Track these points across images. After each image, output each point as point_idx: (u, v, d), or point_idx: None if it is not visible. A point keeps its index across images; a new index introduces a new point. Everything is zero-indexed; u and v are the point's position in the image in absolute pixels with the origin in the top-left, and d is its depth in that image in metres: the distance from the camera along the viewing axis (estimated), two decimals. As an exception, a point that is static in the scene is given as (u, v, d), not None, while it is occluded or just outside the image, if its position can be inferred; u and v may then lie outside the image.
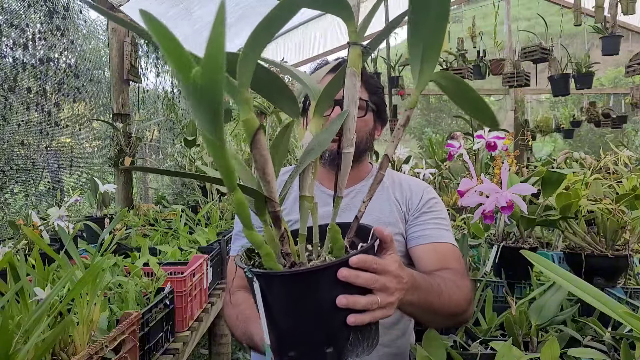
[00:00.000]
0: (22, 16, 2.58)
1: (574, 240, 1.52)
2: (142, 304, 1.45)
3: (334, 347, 0.69)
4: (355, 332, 0.70)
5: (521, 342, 1.14)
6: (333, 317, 0.69)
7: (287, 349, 0.70)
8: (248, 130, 0.62)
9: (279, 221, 0.70)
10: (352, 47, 0.71)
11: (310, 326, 0.69)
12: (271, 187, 0.67)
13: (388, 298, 0.75)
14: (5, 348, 0.85)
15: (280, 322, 0.70)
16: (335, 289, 0.69)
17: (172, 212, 3.16)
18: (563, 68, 5.25)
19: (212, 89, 0.48)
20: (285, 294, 0.69)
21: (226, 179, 0.59)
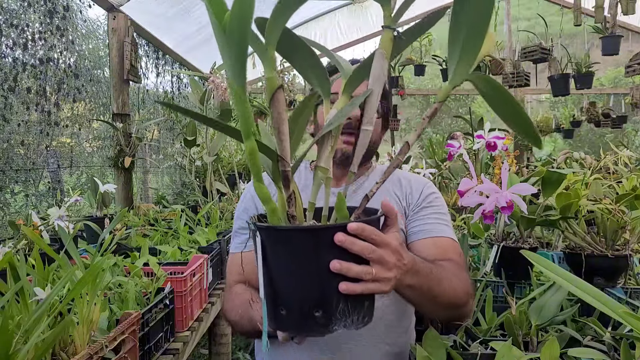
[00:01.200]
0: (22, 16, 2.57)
1: (574, 240, 1.52)
2: (142, 304, 1.45)
3: (322, 312, 0.69)
4: (345, 301, 0.70)
5: (521, 342, 1.14)
6: (325, 281, 0.69)
7: (279, 305, 0.71)
8: (269, 88, 0.66)
9: (287, 181, 0.71)
10: (385, 31, 0.73)
11: (302, 286, 0.70)
12: (284, 146, 0.70)
13: (385, 273, 0.74)
14: (5, 348, 0.85)
15: (275, 278, 0.71)
16: (331, 252, 0.69)
17: (172, 212, 3.16)
18: (563, 68, 5.25)
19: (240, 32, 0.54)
20: (282, 249, 0.70)
21: (243, 125, 0.63)
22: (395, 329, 1.19)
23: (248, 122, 0.63)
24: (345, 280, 0.69)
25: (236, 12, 0.53)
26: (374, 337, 1.15)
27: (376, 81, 0.75)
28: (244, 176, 4.23)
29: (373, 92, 0.75)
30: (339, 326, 0.70)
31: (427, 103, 14.65)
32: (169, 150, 4.90)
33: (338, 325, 0.70)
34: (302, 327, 0.71)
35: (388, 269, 0.75)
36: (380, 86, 0.75)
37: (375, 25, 6.75)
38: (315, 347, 1.14)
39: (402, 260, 0.79)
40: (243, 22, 0.54)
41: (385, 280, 0.75)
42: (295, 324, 0.72)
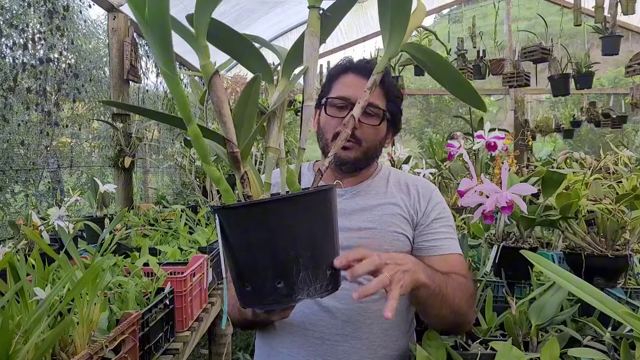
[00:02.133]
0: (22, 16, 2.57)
1: (574, 240, 1.52)
2: (142, 304, 1.45)
3: (284, 282, 0.71)
4: (305, 269, 0.71)
5: (521, 342, 1.14)
6: (282, 252, 0.71)
7: (244, 282, 0.74)
8: (205, 74, 0.69)
9: (237, 163, 0.73)
10: (311, 10, 0.77)
11: (261, 260, 0.72)
12: (228, 128, 0.71)
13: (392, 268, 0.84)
14: (5, 348, 0.85)
15: (236, 256, 0.73)
16: (283, 223, 0.71)
17: (172, 212, 3.15)
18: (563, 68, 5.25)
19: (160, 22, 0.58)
20: (239, 227, 0.72)
21: (182, 111, 0.65)
22: (392, 333, 1.18)
23: (186, 107, 0.66)
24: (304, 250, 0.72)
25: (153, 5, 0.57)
26: (370, 340, 1.15)
27: (309, 58, 0.78)
28: (244, 176, 4.22)
29: (308, 69, 0.78)
30: (302, 295, 0.72)
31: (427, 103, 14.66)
32: (169, 150, 4.90)
33: (301, 294, 0.71)
34: (267, 300, 0.73)
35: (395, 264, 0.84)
36: (314, 63, 0.78)
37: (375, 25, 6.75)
38: (311, 349, 1.14)
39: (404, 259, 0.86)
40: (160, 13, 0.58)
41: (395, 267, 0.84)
42: (260, 298, 0.73)
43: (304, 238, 0.73)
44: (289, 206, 0.72)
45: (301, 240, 0.72)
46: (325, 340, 1.13)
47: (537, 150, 9.91)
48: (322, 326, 1.14)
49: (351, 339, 1.13)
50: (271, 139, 0.79)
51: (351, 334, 1.14)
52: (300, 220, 0.72)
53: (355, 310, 1.14)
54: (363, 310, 1.15)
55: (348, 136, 0.82)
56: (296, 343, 1.16)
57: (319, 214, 0.75)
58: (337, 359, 1.13)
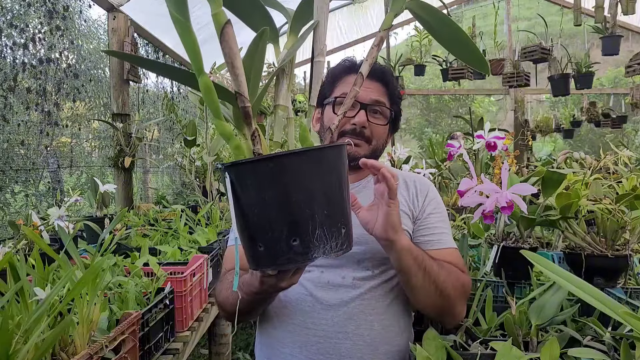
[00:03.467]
0: (22, 16, 2.58)
1: (574, 240, 1.52)
2: (142, 304, 1.45)
3: (299, 240, 0.69)
4: (321, 226, 0.70)
5: (521, 342, 1.14)
6: (299, 208, 0.69)
7: (256, 242, 0.71)
8: (217, 24, 0.66)
9: (249, 118, 0.70)
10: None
11: (276, 217, 0.69)
12: (240, 81, 0.68)
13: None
14: (5, 348, 0.85)
15: (248, 215, 0.71)
16: (299, 179, 0.69)
17: (172, 212, 3.16)
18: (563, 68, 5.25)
19: None
20: (253, 183, 0.69)
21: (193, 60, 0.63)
22: (392, 329, 1.19)
23: (198, 57, 0.63)
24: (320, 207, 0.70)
25: None
26: (371, 337, 1.15)
27: (319, 12, 0.76)
28: (244, 176, 4.22)
29: (319, 23, 0.76)
30: (318, 253, 0.70)
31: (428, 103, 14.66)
32: (169, 150, 4.90)
33: (317, 252, 0.70)
34: (282, 259, 0.71)
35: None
36: (324, 16, 0.76)
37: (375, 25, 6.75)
38: (313, 347, 1.14)
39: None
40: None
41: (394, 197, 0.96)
42: (274, 257, 0.71)
43: (319, 194, 0.70)
44: (304, 161, 0.69)
45: (316, 196, 0.70)
46: (327, 338, 1.14)
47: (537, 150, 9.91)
48: (323, 325, 1.14)
49: (353, 336, 1.14)
50: (280, 96, 0.77)
51: (353, 331, 1.14)
52: (315, 175, 0.70)
53: (357, 308, 1.15)
54: (364, 308, 1.15)
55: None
56: (298, 343, 1.16)
57: (334, 170, 0.73)
58: (339, 357, 1.13)
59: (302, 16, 0.78)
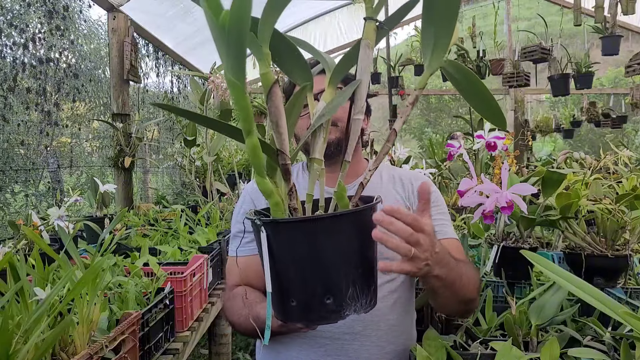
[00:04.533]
0: (22, 16, 2.57)
1: (574, 240, 1.52)
2: (142, 304, 1.45)
3: (333, 298, 0.70)
4: (354, 285, 0.71)
5: (521, 342, 1.14)
6: (335, 268, 0.71)
7: (289, 297, 0.73)
8: (265, 83, 0.69)
9: (288, 175, 0.73)
10: (367, 22, 0.76)
11: (312, 275, 0.71)
12: (283, 140, 0.71)
13: (421, 253, 0.78)
14: (5, 348, 0.85)
15: (283, 270, 0.72)
16: (339, 240, 0.71)
17: (172, 212, 3.15)
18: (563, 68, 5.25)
19: (239, 29, 0.57)
20: (292, 241, 0.71)
21: (244, 121, 0.65)
22: (397, 328, 1.19)
23: (249, 119, 0.65)
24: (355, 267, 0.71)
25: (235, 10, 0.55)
26: (378, 337, 1.15)
27: (364, 71, 0.77)
28: (244, 176, 4.23)
29: (362, 82, 0.77)
30: (350, 311, 0.72)
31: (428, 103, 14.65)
32: (169, 150, 4.90)
33: (349, 310, 0.71)
34: (314, 316, 0.72)
35: (424, 251, 0.78)
36: (367, 76, 0.78)
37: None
38: (320, 350, 1.14)
39: (434, 248, 0.82)
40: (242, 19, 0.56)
41: (420, 261, 0.78)
42: (307, 314, 0.73)
43: (354, 254, 0.72)
44: (343, 222, 0.72)
45: (352, 256, 0.72)
46: (334, 340, 1.13)
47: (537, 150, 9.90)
48: (330, 326, 1.14)
49: (360, 337, 1.14)
50: (317, 150, 0.79)
51: (360, 332, 1.14)
52: (352, 236, 0.72)
53: None
54: None
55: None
56: (305, 345, 1.15)
57: (368, 230, 0.75)
58: (347, 358, 1.13)
59: (341, 70, 0.80)
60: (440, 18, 0.71)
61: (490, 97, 0.78)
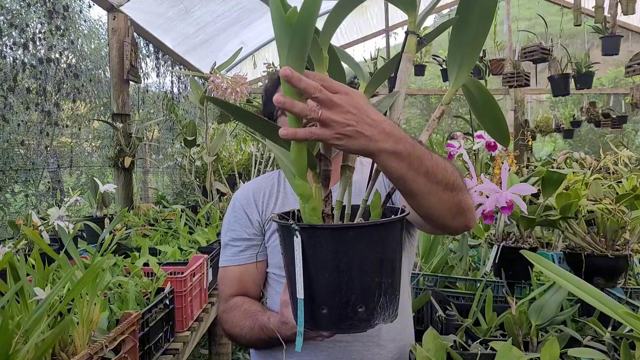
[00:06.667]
0: (22, 16, 2.57)
1: (574, 240, 1.52)
2: (142, 304, 1.45)
3: (365, 307, 0.71)
4: (385, 295, 0.72)
5: (521, 342, 1.14)
6: (368, 277, 0.71)
7: (319, 305, 0.72)
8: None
9: (327, 181, 0.74)
10: (410, 36, 0.78)
11: (346, 283, 0.71)
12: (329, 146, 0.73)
13: (337, 115, 0.65)
14: (5, 348, 0.85)
15: (315, 277, 0.72)
16: (375, 249, 0.71)
17: (172, 212, 3.16)
18: (563, 68, 5.25)
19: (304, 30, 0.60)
20: (327, 248, 0.71)
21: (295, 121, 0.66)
22: (397, 325, 1.19)
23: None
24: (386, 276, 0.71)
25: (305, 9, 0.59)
26: (379, 336, 1.15)
27: (403, 83, 0.79)
28: (243, 176, 4.23)
29: (400, 93, 0.78)
30: (379, 320, 0.72)
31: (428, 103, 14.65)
32: (169, 150, 4.90)
33: (378, 319, 0.72)
34: (345, 324, 0.72)
35: (342, 112, 0.65)
36: (405, 88, 0.79)
37: (375, 25, 6.74)
38: (323, 353, 1.13)
39: (363, 110, 0.67)
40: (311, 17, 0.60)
41: (337, 124, 0.64)
42: (337, 321, 0.73)
43: (387, 263, 0.73)
44: (379, 231, 0.72)
45: (385, 265, 0.72)
46: (336, 343, 1.12)
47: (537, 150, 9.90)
48: None
49: (362, 337, 1.13)
50: (350, 158, 0.80)
51: (362, 333, 1.14)
52: (386, 245, 0.73)
53: None
54: None
55: None
56: (307, 350, 1.13)
57: (398, 238, 0.76)
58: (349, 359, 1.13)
59: (377, 80, 0.82)
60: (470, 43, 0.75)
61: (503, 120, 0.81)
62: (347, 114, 0.66)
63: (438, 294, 1.48)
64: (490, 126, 0.83)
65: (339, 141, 0.66)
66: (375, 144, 0.68)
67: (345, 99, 0.66)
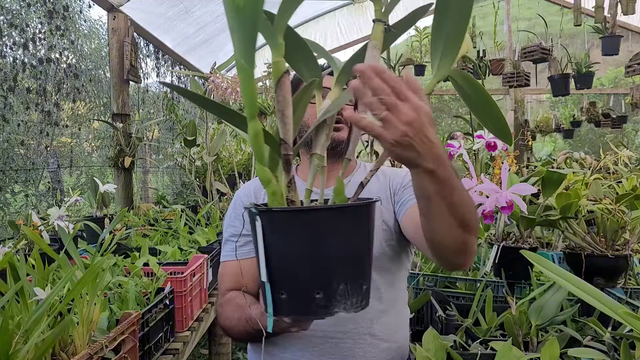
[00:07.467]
0: (22, 16, 2.57)
1: (574, 240, 1.52)
2: (142, 304, 1.45)
3: (323, 293, 0.69)
4: (345, 282, 0.70)
5: (521, 342, 1.14)
6: (326, 263, 0.70)
7: (279, 289, 0.72)
8: (276, 72, 0.69)
9: (289, 166, 0.73)
10: (376, 24, 0.77)
11: (303, 268, 0.70)
12: (287, 129, 0.71)
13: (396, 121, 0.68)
14: (5, 348, 0.85)
15: (275, 262, 0.72)
16: (331, 234, 0.70)
17: (172, 212, 3.16)
18: (563, 68, 5.25)
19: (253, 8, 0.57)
20: (284, 232, 0.70)
21: (248, 106, 0.65)
22: (392, 326, 1.19)
23: (253, 103, 0.65)
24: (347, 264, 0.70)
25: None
26: (371, 335, 1.15)
27: None
28: (243, 176, 4.23)
29: None
30: (339, 308, 0.70)
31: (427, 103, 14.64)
32: (169, 150, 4.90)
33: (338, 307, 0.70)
34: (303, 311, 0.72)
35: (402, 121, 0.68)
36: None
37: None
38: (315, 350, 1.14)
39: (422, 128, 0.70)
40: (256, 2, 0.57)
41: (395, 129, 0.68)
42: (296, 308, 0.72)
43: (348, 250, 0.71)
44: (338, 216, 0.71)
45: (345, 252, 0.71)
46: (328, 339, 1.13)
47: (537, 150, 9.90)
48: (323, 325, 1.14)
49: (353, 334, 1.14)
50: (319, 146, 0.79)
51: (352, 330, 1.14)
52: (346, 231, 0.71)
53: None
54: None
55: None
56: (299, 346, 1.15)
57: (364, 227, 0.74)
58: (341, 357, 1.14)
59: (348, 70, 0.79)
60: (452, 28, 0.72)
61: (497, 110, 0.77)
62: (405, 126, 0.69)
63: (438, 294, 1.48)
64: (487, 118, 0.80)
65: (393, 146, 0.70)
66: (422, 161, 0.72)
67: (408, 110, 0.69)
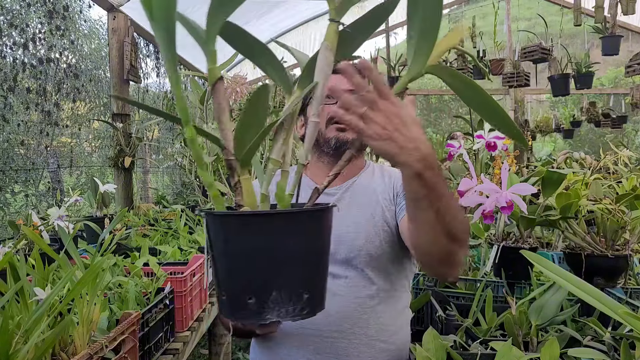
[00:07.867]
0: (22, 16, 2.58)
1: (574, 240, 1.52)
2: (142, 304, 1.45)
3: (255, 299, 0.69)
4: (278, 289, 0.69)
5: (521, 342, 1.14)
6: (257, 268, 0.69)
7: (222, 290, 0.72)
8: (211, 79, 0.70)
9: (232, 170, 0.73)
10: (330, 24, 0.76)
11: (236, 271, 0.70)
12: (225, 135, 0.72)
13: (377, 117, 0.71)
14: (5, 348, 0.85)
15: (216, 263, 0.72)
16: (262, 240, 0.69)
17: (172, 212, 3.16)
18: (563, 68, 5.25)
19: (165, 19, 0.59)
20: (221, 234, 0.71)
21: (180, 112, 0.66)
22: (389, 327, 1.19)
23: (185, 110, 0.66)
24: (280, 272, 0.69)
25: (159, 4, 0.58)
26: (367, 335, 1.16)
27: (320, 73, 0.76)
28: (244, 176, 4.23)
29: (318, 84, 0.76)
30: (273, 315, 0.69)
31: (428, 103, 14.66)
32: (169, 150, 4.90)
33: (271, 314, 0.69)
34: (239, 314, 0.71)
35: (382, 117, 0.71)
36: (325, 78, 0.76)
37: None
38: (310, 348, 1.15)
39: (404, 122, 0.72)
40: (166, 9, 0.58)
41: (375, 125, 0.71)
42: (233, 310, 0.72)
43: (281, 256, 0.69)
44: (270, 222, 0.70)
45: (278, 258, 0.69)
46: (323, 338, 1.14)
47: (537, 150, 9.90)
48: (319, 324, 1.14)
49: (349, 334, 1.14)
50: (274, 150, 0.77)
51: (348, 329, 1.15)
52: (281, 237, 0.69)
53: (351, 307, 1.15)
54: (359, 306, 1.16)
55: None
56: (295, 343, 1.16)
57: (305, 234, 0.72)
58: (336, 356, 1.14)
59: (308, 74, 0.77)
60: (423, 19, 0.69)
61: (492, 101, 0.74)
62: (386, 121, 0.72)
63: (438, 294, 1.48)
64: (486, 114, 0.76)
65: (374, 140, 0.72)
66: (406, 157, 0.73)
67: (389, 107, 0.72)
